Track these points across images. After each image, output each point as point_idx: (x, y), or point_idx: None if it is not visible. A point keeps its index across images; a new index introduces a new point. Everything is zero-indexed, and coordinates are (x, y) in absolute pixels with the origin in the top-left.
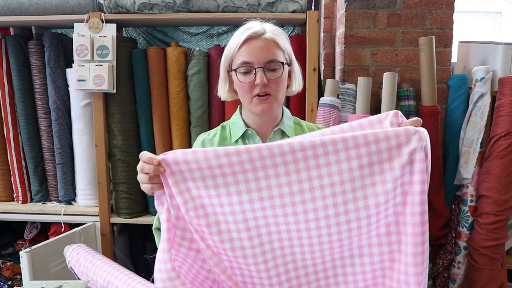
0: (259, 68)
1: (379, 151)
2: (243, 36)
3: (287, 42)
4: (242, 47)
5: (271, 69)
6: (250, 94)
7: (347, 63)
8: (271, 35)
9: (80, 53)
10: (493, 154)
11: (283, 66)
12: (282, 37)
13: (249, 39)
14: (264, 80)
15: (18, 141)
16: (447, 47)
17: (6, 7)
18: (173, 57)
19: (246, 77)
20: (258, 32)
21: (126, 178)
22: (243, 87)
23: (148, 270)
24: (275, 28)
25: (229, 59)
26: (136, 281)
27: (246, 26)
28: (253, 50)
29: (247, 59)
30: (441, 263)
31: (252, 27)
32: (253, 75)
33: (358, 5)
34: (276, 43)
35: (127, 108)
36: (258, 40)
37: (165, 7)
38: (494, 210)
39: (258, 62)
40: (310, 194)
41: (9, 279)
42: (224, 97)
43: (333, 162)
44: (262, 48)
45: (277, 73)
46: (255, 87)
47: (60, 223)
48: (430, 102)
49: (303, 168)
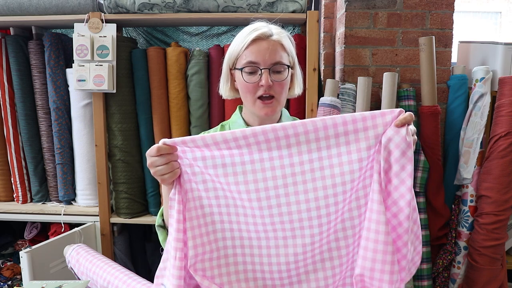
0: (265, 69)
1: (355, 129)
2: (251, 36)
3: (292, 45)
4: (249, 47)
5: (276, 71)
6: (254, 95)
7: (347, 63)
8: (278, 37)
9: (80, 53)
10: (493, 154)
11: (288, 69)
12: (287, 39)
13: (257, 40)
14: (269, 81)
15: (18, 141)
16: (447, 47)
17: (6, 7)
18: (173, 57)
19: (251, 77)
20: (266, 33)
21: (126, 178)
22: (247, 87)
23: (148, 270)
24: (281, 30)
25: (234, 58)
26: (136, 281)
27: (253, 26)
28: (260, 51)
29: (254, 59)
30: (441, 263)
31: (260, 28)
32: (258, 75)
33: (358, 5)
34: (282, 45)
35: (127, 108)
36: (266, 41)
37: (165, 7)
38: (494, 210)
39: (265, 63)
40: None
41: (9, 279)
42: (225, 95)
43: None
44: (269, 50)
45: (282, 75)
46: (259, 88)
47: (60, 223)
48: (430, 102)
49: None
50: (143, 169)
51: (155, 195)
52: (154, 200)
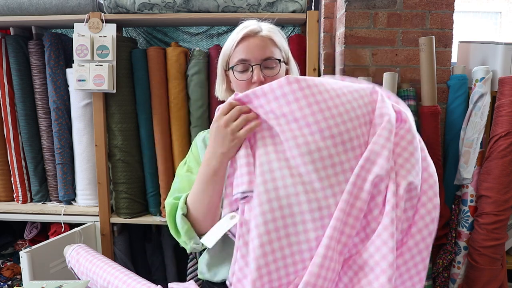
0: (256, 65)
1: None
2: (240, 34)
3: (283, 40)
4: (238, 45)
5: (268, 67)
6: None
7: (347, 63)
8: (267, 33)
9: (80, 53)
10: (493, 154)
11: (280, 63)
12: (279, 35)
13: (246, 37)
14: (261, 77)
15: (18, 141)
16: (447, 47)
17: (6, 7)
18: (173, 57)
19: (243, 75)
20: (255, 30)
21: (126, 178)
22: (240, 84)
23: (148, 270)
24: (272, 26)
25: (226, 58)
26: (136, 281)
27: (243, 25)
28: (250, 48)
29: (244, 56)
30: (441, 263)
31: (248, 26)
32: (250, 72)
33: (358, 5)
34: (273, 40)
35: (127, 108)
36: (255, 38)
37: (165, 7)
38: (494, 210)
39: (255, 60)
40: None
41: (9, 279)
42: (222, 97)
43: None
44: (259, 46)
45: (274, 70)
46: (252, 85)
47: (60, 223)
48: (430, 102)
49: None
50: (143, 169)
51: (155, 195)
52: (154, 200)
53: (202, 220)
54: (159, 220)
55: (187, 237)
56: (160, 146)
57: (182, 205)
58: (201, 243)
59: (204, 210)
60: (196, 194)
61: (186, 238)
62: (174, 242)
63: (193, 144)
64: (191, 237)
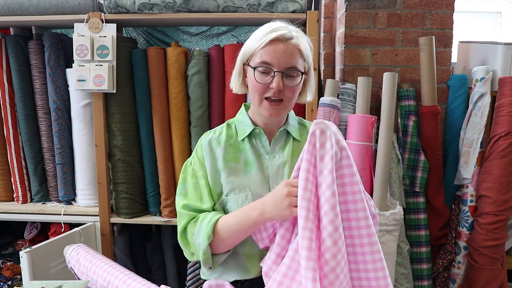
0: (278, 72)
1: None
2: (270, 36)
3: (310, 51)
4: (266, 46)
5: (289, 76)
6: (262, 95)
7: (347, 63)
8: (297, 41)
9: (80, 53)
10: (493, 154)
11: (301, 75)
12: (306, 44)
13: (275, 41)
14: (281, 85)
15: (18, 141)
16: (447, 47)
17: (6, 7)
18: (173, 57)
19: (262, 77)
20: (285, 35)
21: (126, 178)
22: (256, 86)
23: (148, 270)
24: (302, 34)
25: (249, 54)
26: (136, 281)
27: (273, 25)
28: (277, 53)
29: (269, 60)
30: (441, 263)
31: (280, 29)
32: (270, 77)
33: (358, 5)
34: (300, 50)
35: (127, 108)
36: (284, 44)
37: (165, 7)
38: (494, 210)
39: (279, 66)
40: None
41: (9, 279)
42: (236, 90)
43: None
44: (286, 53)
45: (294, 81)
46: (268, 89)
47: (60, 223)
48: (430, 102)
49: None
50: (143, 169)
51: (155, 195)
52: (154, 200)
53: (222, 248)
54: (159, 220)
55: (204, 262)
56: (160, 146)
57: (209, 234)
58: (213, 267)
59: (230, 243)
60: (228, 230)
61: (203, 263)
62: (174, 242)
63: (198, 145)
64: (207, 263)
